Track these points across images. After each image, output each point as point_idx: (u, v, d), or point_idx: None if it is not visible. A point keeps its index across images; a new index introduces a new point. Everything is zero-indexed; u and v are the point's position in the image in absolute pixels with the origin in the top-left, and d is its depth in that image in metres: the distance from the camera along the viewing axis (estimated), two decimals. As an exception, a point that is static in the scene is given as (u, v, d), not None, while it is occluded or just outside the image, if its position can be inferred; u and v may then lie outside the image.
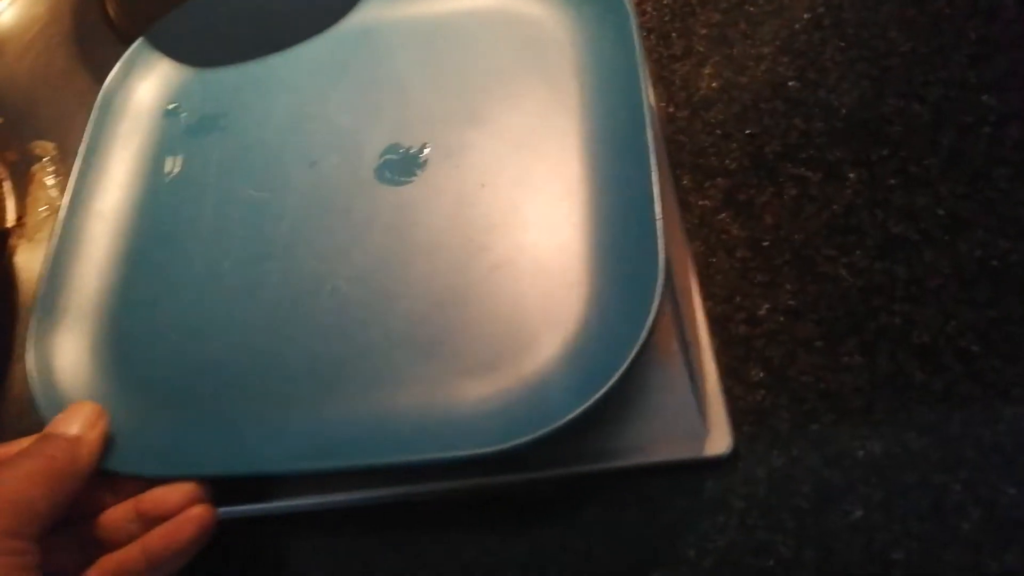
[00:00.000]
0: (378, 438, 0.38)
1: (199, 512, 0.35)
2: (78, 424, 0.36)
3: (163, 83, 0.52)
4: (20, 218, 0.49)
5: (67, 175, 0.51)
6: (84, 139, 0.47)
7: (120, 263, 0.46)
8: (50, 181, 0.50)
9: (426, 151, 0.46)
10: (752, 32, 0.52)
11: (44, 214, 0.49)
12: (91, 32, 0.57)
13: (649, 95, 0.43)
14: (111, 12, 0.57)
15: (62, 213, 0.45)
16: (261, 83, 0.51)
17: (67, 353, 0.43)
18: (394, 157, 0.46)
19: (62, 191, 0.50)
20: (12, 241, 0.48)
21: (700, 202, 0.46)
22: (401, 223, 0.44)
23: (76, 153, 0.51)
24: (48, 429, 0.36)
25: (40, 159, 0.51)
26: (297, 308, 0.42)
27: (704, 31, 0.53)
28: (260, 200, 0.46)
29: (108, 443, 0.37)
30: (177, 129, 0.50)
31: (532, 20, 0.49)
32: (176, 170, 0.48)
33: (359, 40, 0.51)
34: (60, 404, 0.40)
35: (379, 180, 0.45)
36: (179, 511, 0.35)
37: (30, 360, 0.41)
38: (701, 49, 0.52)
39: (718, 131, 0.49)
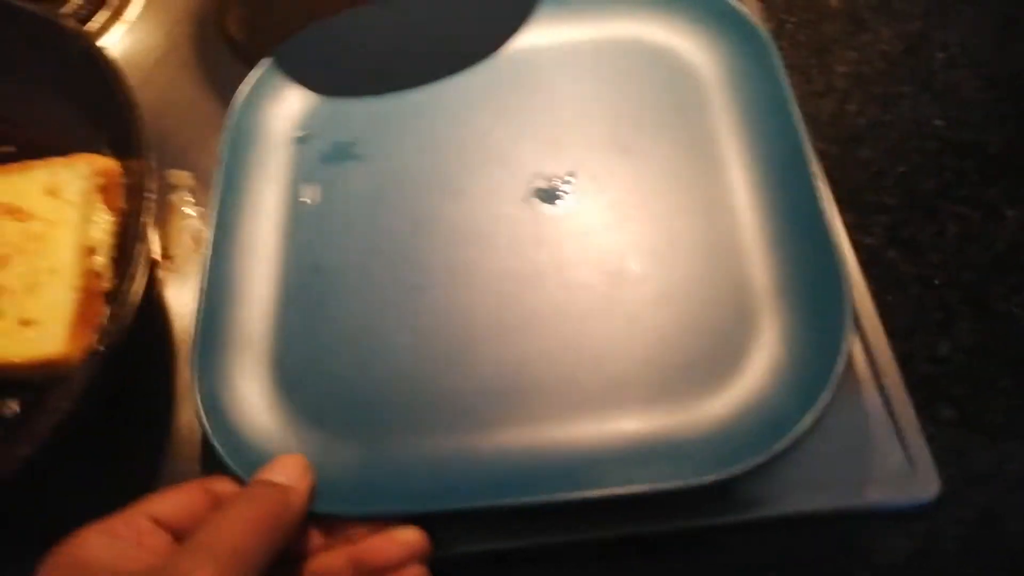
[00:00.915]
0: (578, 469, 0.37)
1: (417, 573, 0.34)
2: (286, 475, 0.35)
3: (290, 108, 0.51)
4: (165, 250, 0.47)
5: (206, 204, 0.49)
6: (220, 169, 0.46)
7: (274, 296, 0.44)
8: (190, 211, 0.49)
9: (574, 179, 0.45)
10: (890, 70, 0.53)
11: (189, 245, 0.47)
12: (214, 56, 0.55)
13: (802, 133, 0.43)
14: (234, 33, 0.56)
15: (209, 247, 0.44)
16: (396, 109, 0.50)
17: (235, 390, 0.41)
18: (542, 184, 0.46)
19: (203, 220, 0.49)
20: (160, 275, 0.46)
21: (866, 240, 0.46)
22: (553, 250, 0.43)
23: (212, 182, 0.50)
24: (256, 478, 0.35)
25: (177, 189, 0.49)
26: (459, 338, 0.41)
27: (843, 68, 0.53)
28: (409, 230, 0.45)
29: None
30: (310, 157, 0.49)
31: (676, 52, 0.49)
32: (316, 199, 0.47)
33: (501, 67, 0.51)
34: (235, 441, 0.38)
35: (528, 207, 0.45)
36: (399, 565, 0.34)
37: (198, 399, 0.40)
38: (842, 86, 0.53)
39: (872, 168, 0.49)
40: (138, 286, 0.37)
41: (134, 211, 0.42)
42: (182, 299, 0.46)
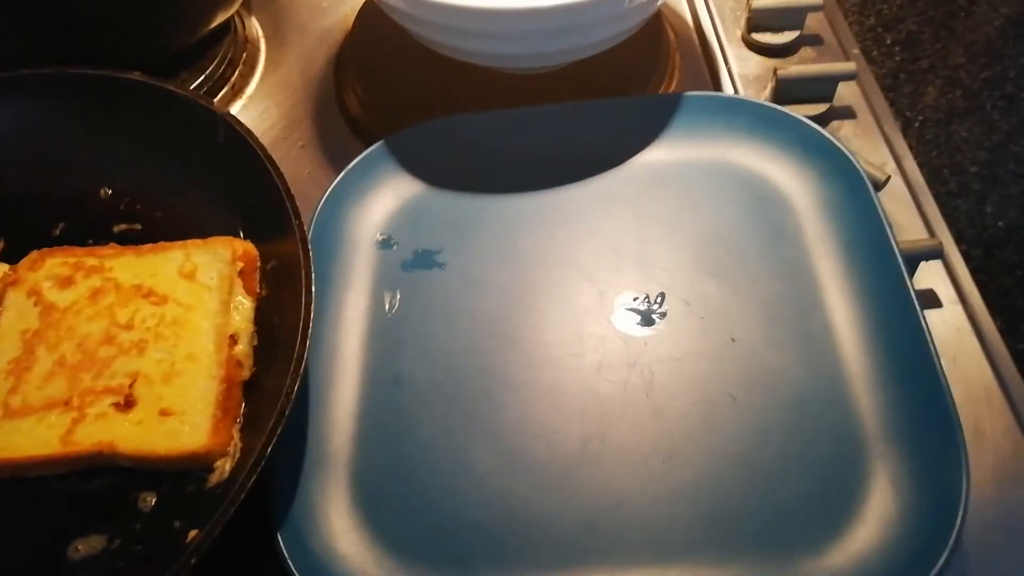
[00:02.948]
0: None
1: None
2: None
3: (374, 211, 0.49)
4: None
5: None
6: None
7: (355, 409, 0.42)
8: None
9: (663, 300, 0.44)
10: (1022, 171, 0.52)
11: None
12: (333, 134, 0.55)
13: (901, 265, 0.41)
14: (353, 112, 0.56)
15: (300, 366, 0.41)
16: (481, 219, 0.48)
17: (314, 510, 0.39)
18: (632, 305, 0.44)
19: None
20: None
21: (1019, 346, 0.45)
22: (644, 373, 0.41)
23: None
24: None
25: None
26: (547, 463, 0.39)
27: (975, 169, 0.53)
28: (492, 345, 0.43)
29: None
30: (392, 262, 0.47)
31: (766, 178, 0.47)
32: (395, 307, 0.45)
33: (589, 183, 0.49)
34: (310, 565, 0.36)
35: (615, 327, 0.43)
36: None
37: (277, 522, 0.37)
38: (977, 187, 0.52)
39: (1018, 272, 0.48)
40: (297, 384, 0.36)
41: (283, 298, 0.40)
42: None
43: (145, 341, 0.42)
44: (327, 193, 0.47)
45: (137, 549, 0.37)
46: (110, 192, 0.49)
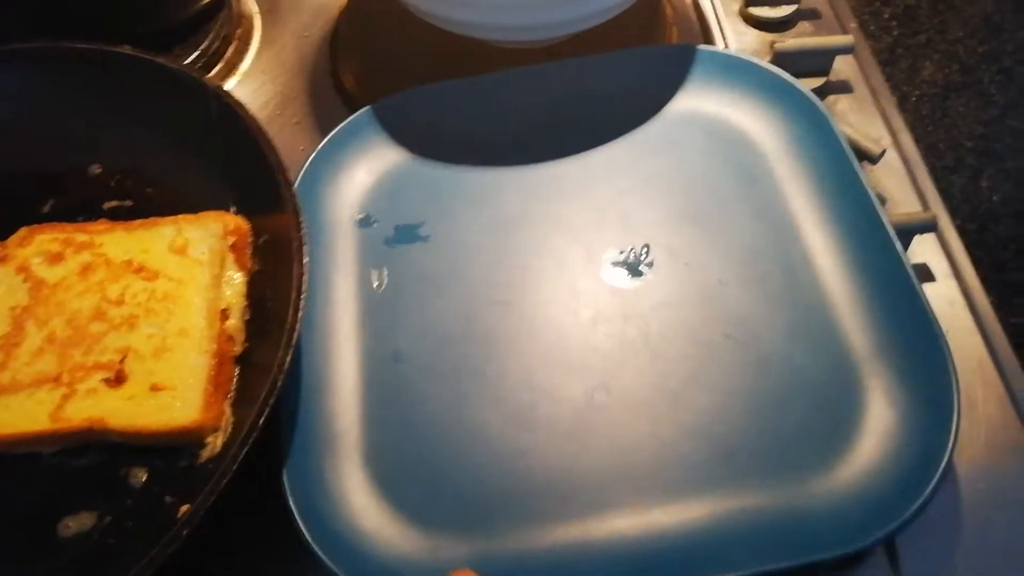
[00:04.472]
0: (701, 554, 0.36)
1: None
2: None
3: (351, 190, 0.48)
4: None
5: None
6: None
7: (359, 388, 0.41)
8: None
9: (648, 251, 0.45)
10: (1019, 145, 0.52)
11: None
12: (330, 109, 0.54)
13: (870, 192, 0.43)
14: (349, 86, 0.55)
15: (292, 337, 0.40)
16: (458, 189, 0.48)
17: (331, 492, 0.38)
18: (619, 259, 0.44)
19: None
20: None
21: (1012, 320, 0.45)
22: (640, 323, 0.42)
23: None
24: None
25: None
26: (555, 419, 0.40)
27: (970, 144, 0.52)
28: (485, 310, 0.43)
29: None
30: (375, 240, 0.46)
31: (731, 123, 0.48)
32: (384, 284, 0.45)
33: (562, 145, 0.49)
34: (339, 548, 0.36)
35: (606, 281, 0.44)
36: None
37: (293, 505, 0.36)
38: (972, 162, 0.51)
39: (1012, 246, 0.47)
40: (288, 357, 0.36)
41: (275, 273, 0.40)
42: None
43: (136, 316, 0.41)
44: (300, 176, 0.46)
45: (128, 525, 0.37)
46: (100, 168, 0.48)
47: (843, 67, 0.53)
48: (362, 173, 0.49)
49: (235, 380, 0.40)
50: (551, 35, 0.50)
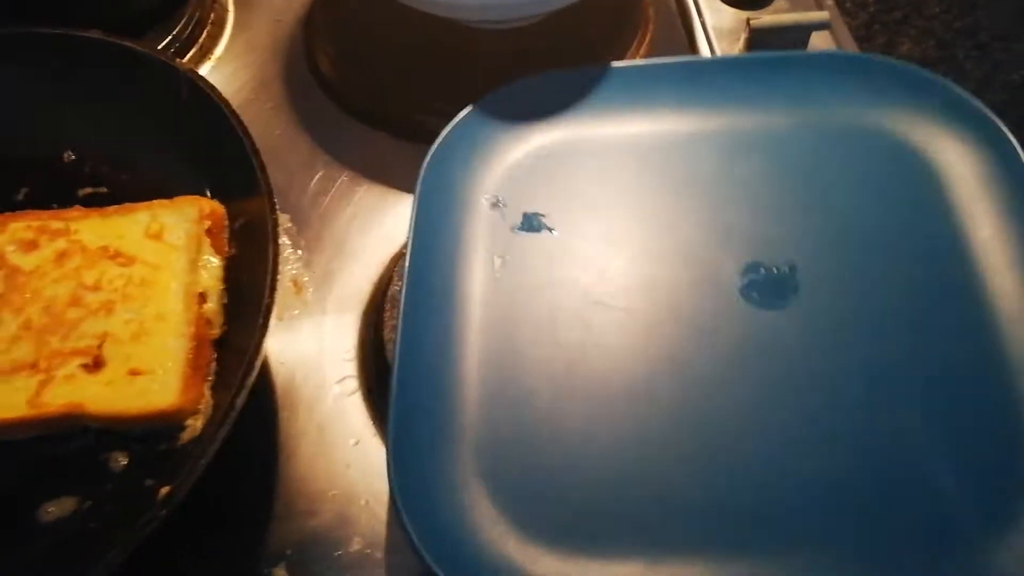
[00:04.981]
0: None
1: None
2: None
3: (479, 173, 0.46)
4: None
5: (302, 247, 0.48)
6: (410, 229, 0.41)
7: (475, 382, 0.39)
8: (288, 254, 0.47)
9: (797, 273, 0.41)
10: (994, 119, 0.52)
11: (289, 290, 0.46)
12: (305, 94, 0.54)
13: None
14: (325, 71, 0.55)
15: (400, 329, 0.39)
16: (592, 184, 0.45)
17: (438, 488, 0.36)
18: (757, 277, 0.41)
19: (303, 265, 0.47)
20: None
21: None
22: (789, 354, 0.39)
23: (309, 225, 0.49)
24: None
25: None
26: (683, 443, 0.37)
27: None
28: (612, 317, 0.41)
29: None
30: (498, 224, 0.44)
31: (917, 147, 0.45)
32: (502, 270, 0.43)
33: (704, 146, 0.46)
34: (441, 545, 0.34)
35: (747, 302, 0.40)
36: None
37: (400, 502, 0.34)
38: None
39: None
40: (265, 336, 0.36)
41: (251, 256, 0.40)
42: (284, 348, 0.44)
43: (113, 302, 0.41)
44: (431, 153, 0.44)
45: (109, 509, 0.37)
46: (74, 155, 0.48)
47: (820, 43, 0.53)
48: (494, 155, 0.46)
49: (214, 363, 0.40)
50: (525, 13, 0.50)
